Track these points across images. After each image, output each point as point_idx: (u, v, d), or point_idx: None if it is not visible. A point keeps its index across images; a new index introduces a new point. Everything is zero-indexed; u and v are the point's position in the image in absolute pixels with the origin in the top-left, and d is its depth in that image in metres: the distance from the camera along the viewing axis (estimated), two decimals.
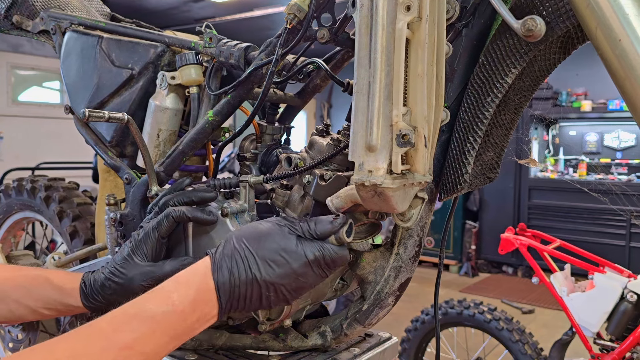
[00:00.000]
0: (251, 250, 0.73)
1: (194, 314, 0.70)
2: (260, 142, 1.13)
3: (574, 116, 6.58)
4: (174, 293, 0.70)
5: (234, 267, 0.72)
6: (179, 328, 0.69)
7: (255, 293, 0.72)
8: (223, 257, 0.73)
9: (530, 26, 0.66)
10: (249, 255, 0.73)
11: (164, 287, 0.72)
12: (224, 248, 0.75)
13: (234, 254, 0.73)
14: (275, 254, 0.73)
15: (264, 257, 0.73)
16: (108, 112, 0.92)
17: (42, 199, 1.62)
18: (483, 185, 0.89)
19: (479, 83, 0.77)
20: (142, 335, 0.66)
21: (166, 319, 0.68)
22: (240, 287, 0.72)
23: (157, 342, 0.67)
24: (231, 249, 0.74)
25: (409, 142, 0.65)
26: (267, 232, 0.75)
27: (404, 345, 2.74)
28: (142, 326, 0.66)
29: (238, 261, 0.72)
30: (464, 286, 5.91)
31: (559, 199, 6.26)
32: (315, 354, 0.95)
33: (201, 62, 1.10)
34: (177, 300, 0.69)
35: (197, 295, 0.71)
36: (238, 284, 0.72)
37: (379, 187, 0.66)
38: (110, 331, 0.66)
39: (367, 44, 0.66)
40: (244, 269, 0.72)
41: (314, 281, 0.75)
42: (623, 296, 2.23)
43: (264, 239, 0.74)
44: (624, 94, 0.64)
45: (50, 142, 6.81)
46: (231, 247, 0.74)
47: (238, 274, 0.72)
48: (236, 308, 0.73)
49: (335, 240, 0.75)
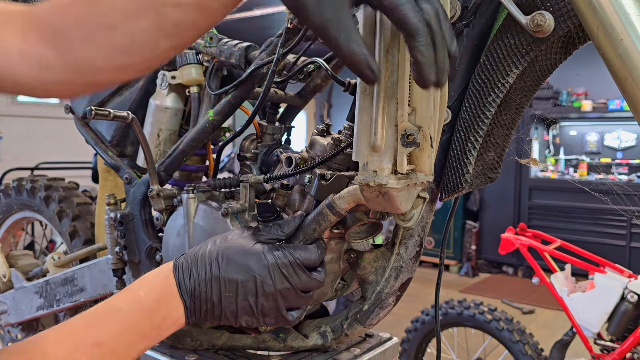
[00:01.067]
0: (214, 249, 0.74)
1: (159, 312, 0.70)
2: (260, 141, 1.13)
3: (574, 116, 6.58)
4: (140, 291, 0.71)
5: (194, 265, 0.73)
6: (146, 325, 0.69)
7: (215, 292, 0.72)
8: (186, 258, 0.74)
9: (539, 21, 0.66)
10: (211, 253, 0.73)
11: (131, 286, 0.73)
12: (189, 251, 0.76)
13: (197, 253, 0.74)
14: (237, 254, 0.73)
15: (225, 256, 0.73)
16: (113, 111, 0.92)
17: (42, 199, 1.62)
18: (484, 185, 0.89)
19: (480, 83, 0.77)
20: (111, 331, 0.66)
21: (133, 316, 0.68)
22: (200, 285, 0.72)
23: (126, 340, 0.67)
24: (195, 251, 0.75)
25: (415, 142, 0.65)
26: (232, 236, 0.76)
27: (404, 345, 2.74)
28: (112, 323, 0.67)
29: (199, 260, 0.73)
30: (464, 286, 5.91)
31: (559, 199, 6.26)
32: (316, 354, 0.95)
33: (201, 61, 1.10)
34: (144, 297, 0.70)
35: (162, 293, 0.71)
36: (198, 281, 0.72)
37: (383, 188, 0.66)
38: (81, 328, 0.66)
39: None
40: (204, 266, 0.72)
41: (282, 288, 0.72)
42: (623, 296, 2.22)
43: (228, 241, 0.75)
44: (626, 94, 0.64)
45: (49, 142, 6.81)
46: (195, 249, 0.75)
47: (198, 272, 0.72)
48: (199, 309, 0.72)
49: None
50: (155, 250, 1.08)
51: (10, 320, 1.52)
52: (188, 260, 0.74)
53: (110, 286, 1.20)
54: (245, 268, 0.72)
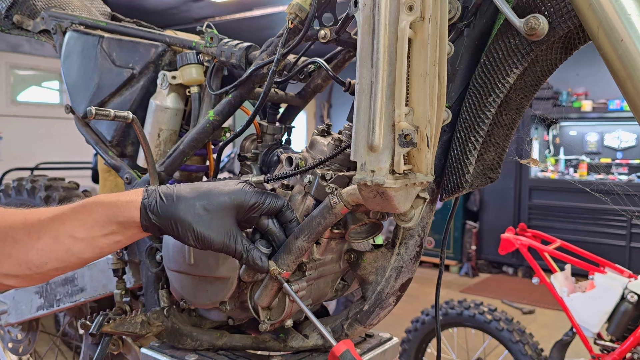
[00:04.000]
0: None
1: (117, 207, 0.78)
2: (261, 142, 1.13)
3: (574, 116, 6.58)
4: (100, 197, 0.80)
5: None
6: (104, 216, 0.77)
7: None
8: None
9: (533, 24, 0.66)
10: None
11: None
12: None
13: None
14: None
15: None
16: (113, 111, 0.92)
17: (42, 199, 1.62)
18: (484, 186, 0.89)
19: (480, 83, 0.77)
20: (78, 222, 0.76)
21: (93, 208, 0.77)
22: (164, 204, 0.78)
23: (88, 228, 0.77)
24: None
25: (412, 142, 0.65)
26: None
27: (404, 345, 2.74)
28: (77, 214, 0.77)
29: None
30: (464, 286, 5.91)
31: (559, 199, 6.26)
32: (316, 355, 0.95)
33: (202, 61, 1.10)
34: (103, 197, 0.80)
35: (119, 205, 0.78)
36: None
37: (381, 187, 0.66)
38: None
39: (369, 43, 0.66)
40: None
41: None
42: (623, 296, 2.22)
43: None
44: (626, 94, 0.64)
45: (49, 142, 6.81)
46: None
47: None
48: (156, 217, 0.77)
49: None
50: (156, 250, 1.08)
51: (11, 320, 1.52)
52: None
53: (110, 286, 1.20)
54: None
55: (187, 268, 0.95)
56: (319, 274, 0.92)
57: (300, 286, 0.86)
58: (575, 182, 5.32)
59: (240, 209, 0.80)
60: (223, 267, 0.90)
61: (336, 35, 0.88)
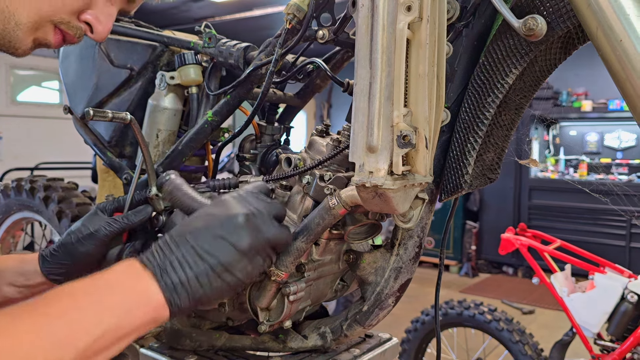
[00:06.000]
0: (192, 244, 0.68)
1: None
2: (259, 142, 1.13)
3: (574, 116, 6.58)
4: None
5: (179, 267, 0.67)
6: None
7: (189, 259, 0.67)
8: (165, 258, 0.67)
9: (531, 25, 0.66)
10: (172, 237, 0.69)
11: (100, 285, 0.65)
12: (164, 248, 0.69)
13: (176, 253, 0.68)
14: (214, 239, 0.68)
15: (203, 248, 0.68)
16: (112, 112, 0.92)
17: (41, 199, 1.62)
18: (484, 186, 0.89)
19: (479, 83, 0.77)
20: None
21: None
22: (174, 262, 0.66)
23: None
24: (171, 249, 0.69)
25: (410, 143, 0.65)
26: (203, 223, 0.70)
27: (404, 345, 2.74)
28: None
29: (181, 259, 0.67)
30: (464, 287, 5.91)
31: (559, 199, 6.26)
32: (315, 355, 0.95)
33: (200, 62, 1.10)
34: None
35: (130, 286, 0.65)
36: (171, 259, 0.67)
37: (379, 188, 0.66)
38: None
39: (367, 44, 0.66)
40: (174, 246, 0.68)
41: None
42: (623, 296, 2.22)
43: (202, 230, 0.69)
44: (625, 95, 0.64)
45: (49, 142, 6.80)
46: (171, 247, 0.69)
47: (186, 273, 0.66)
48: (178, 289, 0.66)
49: None
50: None
51: None
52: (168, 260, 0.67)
53: None
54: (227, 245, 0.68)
55: None
56: (318, 275, 0.92)
57: (299, 287, 0.86)
58: (575, 183, 5.31)
59: None
60: None
61: (334, 35, 0.88)
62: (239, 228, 0.69)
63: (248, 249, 0.69)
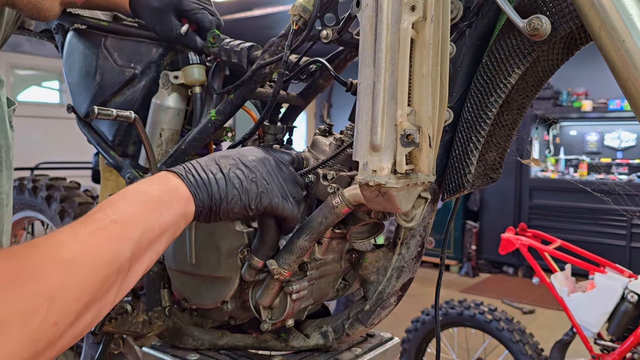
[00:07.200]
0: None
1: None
2: (262, 142, 1.13)
3: (574, 116, 6.58)
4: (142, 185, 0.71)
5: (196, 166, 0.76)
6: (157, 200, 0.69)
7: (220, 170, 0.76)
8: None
9: (536, 25, 0.66)
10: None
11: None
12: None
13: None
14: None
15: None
16: (116, 110, 0.92)
17: (44, 198, 1.62)
18: (486, 186, 0.89)
19: (482, 83, 0.77)
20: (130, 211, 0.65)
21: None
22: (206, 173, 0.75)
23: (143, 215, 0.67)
24: None
25: (414, 142, 0.65)
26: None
27: (405, 345, 2.74)
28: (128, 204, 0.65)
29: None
30: (464, 286, 5.91)
31: (559, 199, 6.26)
32: (317, 354, 0.95)
33: (204, 61, 1.10)
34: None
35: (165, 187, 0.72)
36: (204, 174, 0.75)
37: (383, 187, 0.66)
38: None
39: (371, 43, 0.66)
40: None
41: None
42: (624, 296, 2.22)
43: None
44: (627, 95, 0.64)
45: (49, 142, 6.80)
46: None
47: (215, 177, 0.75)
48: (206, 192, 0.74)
49: None
50: None
51: None
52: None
53: None
54: None
55: (188, 268, 0.95)
56: (320, 274, 0.92)
57: (301, 286, 0.86)
58: (576, 182, 5.31)
59: None
60: (224, 266, 0.90)
61: (338, 35, 0.88)
62: (258, 162, 0.81)
63: (263, 172, 0.80)
